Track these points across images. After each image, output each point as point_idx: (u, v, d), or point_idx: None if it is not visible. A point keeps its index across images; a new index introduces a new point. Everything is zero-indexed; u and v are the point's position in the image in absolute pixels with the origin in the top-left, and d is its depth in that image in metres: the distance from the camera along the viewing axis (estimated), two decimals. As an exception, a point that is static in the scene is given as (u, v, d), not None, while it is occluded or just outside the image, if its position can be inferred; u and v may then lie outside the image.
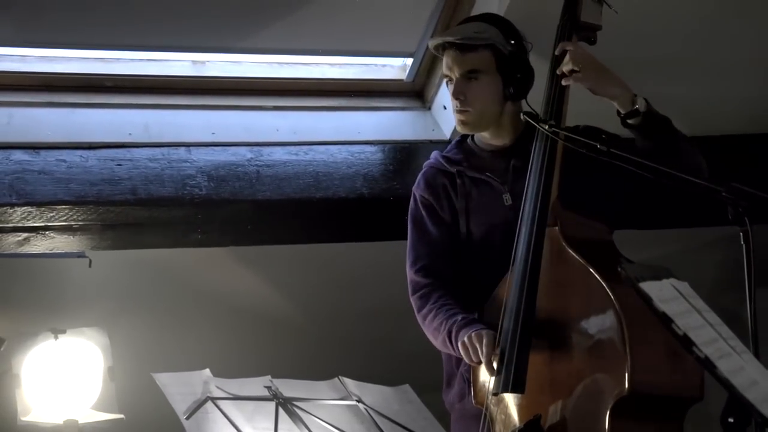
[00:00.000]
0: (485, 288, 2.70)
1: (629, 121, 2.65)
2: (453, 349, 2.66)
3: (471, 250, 2.78)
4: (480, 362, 2.55)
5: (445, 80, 2.84)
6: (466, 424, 2.74)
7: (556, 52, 2.72)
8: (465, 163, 2.83)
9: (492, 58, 2.76)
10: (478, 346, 2.54)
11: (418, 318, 2.78)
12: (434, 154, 2.92)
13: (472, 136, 2.90)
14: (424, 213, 2.84)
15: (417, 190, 2.89)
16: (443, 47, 2.80)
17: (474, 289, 2.74)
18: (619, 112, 2.67)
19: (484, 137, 2.85)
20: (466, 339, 2.57)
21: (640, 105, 2.64)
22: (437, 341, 2.73)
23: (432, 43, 2.85)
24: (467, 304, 2.75)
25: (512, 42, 2.77)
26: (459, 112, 2.79)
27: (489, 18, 2.84)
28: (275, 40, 3.59)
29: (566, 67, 2.67)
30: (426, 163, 2.92)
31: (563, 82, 2.69)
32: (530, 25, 2.83)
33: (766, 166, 3.83)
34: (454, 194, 2.82)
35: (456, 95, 2.77)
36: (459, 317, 2.66)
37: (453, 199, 2.82)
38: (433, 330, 2.72)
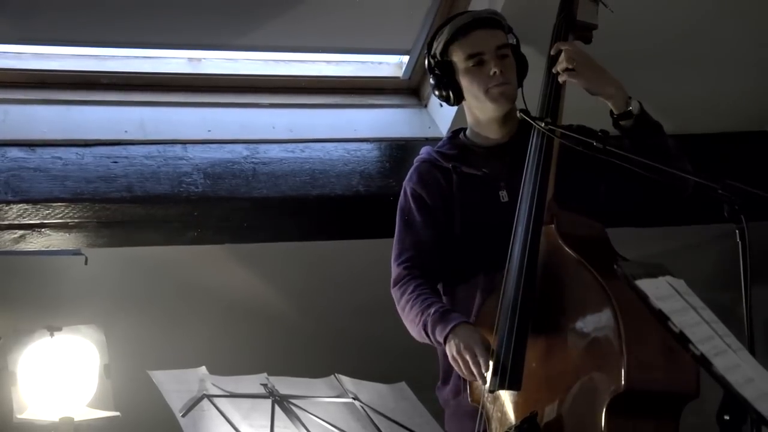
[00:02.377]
0: (481, 285, 2.70)
1: (621, 123, 2.66)
2: (430, 341, 2.66)
3: (466, 247, 2.78)
4: (473, 377, 2.56)
5: (467, 64, 2.77)
6: (460, 421, 2.75)
7: (552, 52, 2.72)
8: (460, 159, 2.83)
9: (508, 42, 2.80)
10: (469, 359, 2.54)
11: (399, 310, 2.78)
12: (426, 149, 2.91)
13: (465, 132, 2.90)
14: (413, 205, 2.83)
15: (409, 183, 2.87)
16: (465, 29, 2.77)
17: (470, 286, 2.74)
18: (612, 113, 2.67)
19: (482, 131, 2.85)
20: (455, 353, 2.57)
21: (633, 107, 2.64)
22: (414, 332, 2.73)
23: (455, 24, 2.79)
24: (461, 301, 2.75)
25: (513, 35, 2.82)
26: (501, 84, 2.75)
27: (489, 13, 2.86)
28: (271, 37, 3.58)
29: (561, 65, 2.67)
30: (417, 158, 2.91)
31: (559, 80, 2.69)
32: (527, 21, 2.84)
33: (760, 163, 3.83)
34: (449, 190, 2.81)
35: (499, 67, 2.74)
36: (433, 309, 2.65)
37: (447, 194, 2.81)
38: (410, 321, 2.72)
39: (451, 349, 2.58)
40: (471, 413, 2.64)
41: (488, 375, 2.53)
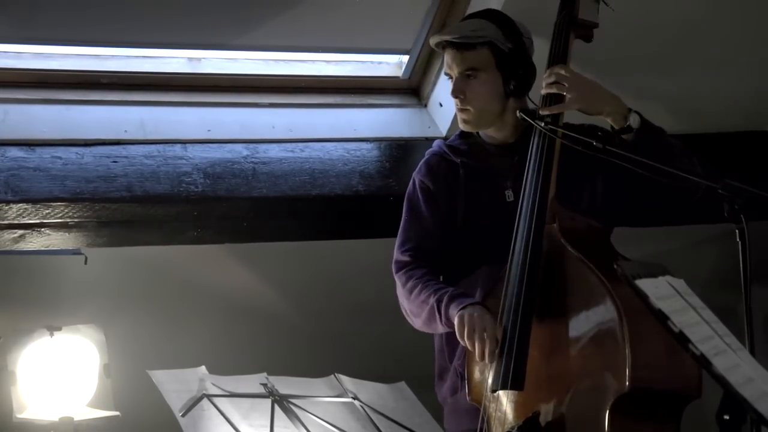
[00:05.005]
0: (481, 283, 2.70)
1: (623, 137, 2.64)
2: (439, 320, 2.63)
3: (468, 242, 2.78)
4: (476, 348, 2.51)
5: (447, 78, 2.83)
6: (458, 418, 2.75)
7: (544, 76, 2.71)
8: (469, 155, 2.83)
9: (491, 56, 2.75)
10: (477, 331, 2.49)
11: (401, 294, 2.76)
12: (438, 143, 2.91)
13: None
14: (420, 196, 2.84)
15: (417, 174, 2.89)
16: (443, 46, 2.80)
17: (471, 283, 2.74)
18: (612, 128, 2.66)
19: (489, 132, 2.85)
20: (466, 315, 2.52)
21: (632, 122, 2.63)
22: (421, 316, 2.70)
23: (432, 42, 2.84)
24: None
25: (511, 39, 2.76)
26: (460, 110, 2.79)
27: (488, 15, 2.82)
28: (271, 37, 3.58)
29: (550, 89, 2.66)
30: (429, 151, 2.92)
31: (555, 110, 2.68)
32: (528, 20, 2.83)
33: (761, 163, 3.83)
34: (455, 185, 2.81)
35: (455, 94, 2.77)
36: (449, 290, 2.64)
37: (453, 188, 2.81)
38: (418, 303, 2.69)
39: (461, 318, 2.53)
40: (469, 410, 2.64)
41: (490, 374, 2.52)
